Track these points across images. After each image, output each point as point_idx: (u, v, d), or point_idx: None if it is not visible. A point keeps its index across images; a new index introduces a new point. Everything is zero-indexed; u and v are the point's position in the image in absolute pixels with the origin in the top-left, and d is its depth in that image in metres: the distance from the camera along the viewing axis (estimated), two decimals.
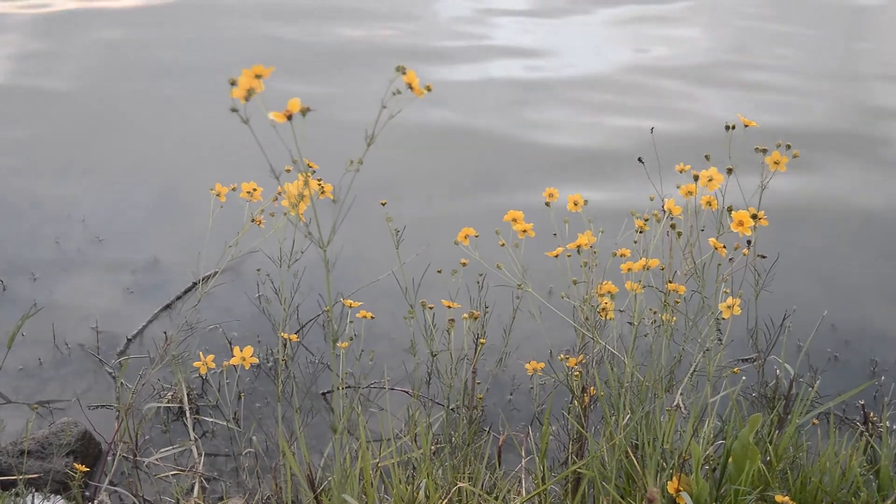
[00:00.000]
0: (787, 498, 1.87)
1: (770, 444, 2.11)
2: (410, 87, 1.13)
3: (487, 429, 2.89)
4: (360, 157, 1.24)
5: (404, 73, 1.12)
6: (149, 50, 7.59)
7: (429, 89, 1.15)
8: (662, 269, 2.15)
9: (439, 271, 2.30)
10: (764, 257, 2.11)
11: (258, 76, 1.09)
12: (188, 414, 2.99)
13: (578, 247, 2.23)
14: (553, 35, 8.37)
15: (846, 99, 6.67)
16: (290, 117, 1.14)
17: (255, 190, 2.21)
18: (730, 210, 1.87)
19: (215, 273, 3.34)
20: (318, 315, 3.44)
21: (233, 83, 1.09)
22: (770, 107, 6.39)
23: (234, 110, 1.10)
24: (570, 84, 6.81)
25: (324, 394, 3.21)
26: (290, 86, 6.09)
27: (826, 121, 6.15)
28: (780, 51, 7.88)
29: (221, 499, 2.69)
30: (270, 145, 1.34)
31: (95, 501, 2.61)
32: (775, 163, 1.91)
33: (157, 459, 2.71)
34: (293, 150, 1.20)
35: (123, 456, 2.75)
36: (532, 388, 3.13)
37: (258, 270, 3.66)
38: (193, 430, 2.98)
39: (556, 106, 6.33)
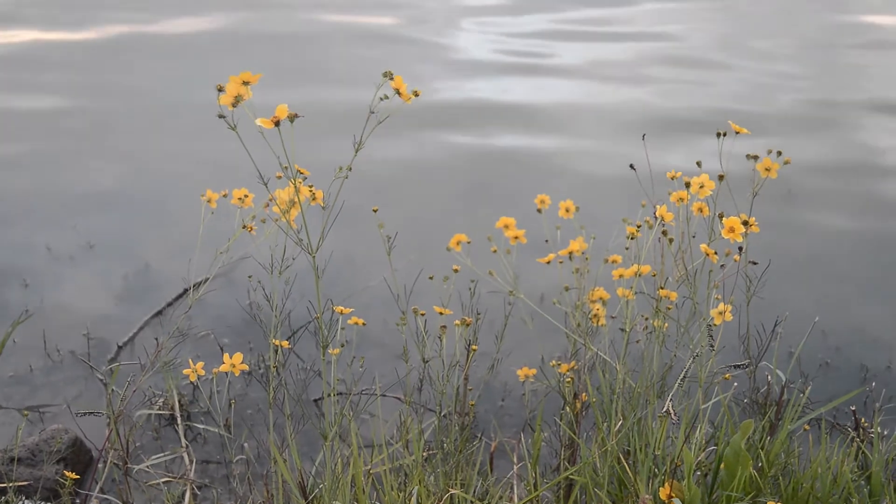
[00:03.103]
0: None
1: (762, 450, 2.11)
2: (398, 92, 1.13)
3: (479, 435, 2.88)
4: (349, 163, 1.24)
5: (391, 79, 1.12)
6: (136, 55, 7.58)
7: (416, 94, 1.15)
8: (654, 276, 2.15)
9: (431, 277, 2.30)
10: (755, 263, 2.11)
11: (245, 83, 1.09)
12: (179, 421, 2.98)
13: (570, 253, 2.23)
14: None
15: (839, 107, 6.69)
16: (277, 123, 1.14)
17: (246, 196, 2.20)
18: (721, 216, 1.87)
19: (206, 279, 3.33)
20: (310, 322, 3.44)
21: (220, 90, 1.09)
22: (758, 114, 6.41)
23: (221, 117, 1.10)
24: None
25: (315, 400, 3.20)
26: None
27: (817, 126, 6.17)
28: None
29: None
30: (264, 150, 1.34)
31: None
32: (766, 169, 1.91)
33: (147, 466, 2.70)
34: (282, 157, 1.19)
35: (114, 463, 2.73)
36: (524, 394, 3.13)
37: (249, 277, 3.65)
38: (185, 436, 2.97)
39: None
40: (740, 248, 1.97)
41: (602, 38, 8.79)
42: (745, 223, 1.85)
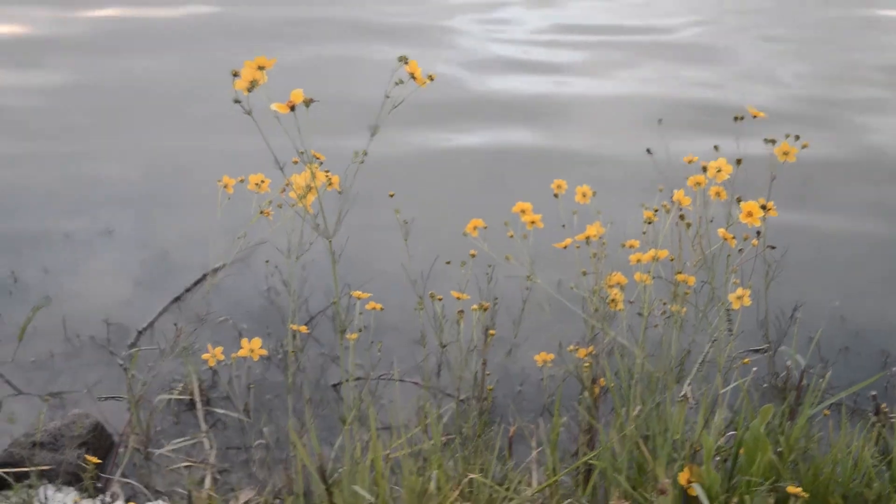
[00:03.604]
0: (798, 489, 1.86)
1: (781, 435, 2.10)
2: (413, 76, 1.13)
3: (498, 420, 2.89)
4: (364, 148, 1.24)
5: (406, 63, 1.11)
6: (154, 40, 7.59)
7: (431, 78, 1.14)
8: (672, 260, 2.14)
9: (448, 263, 2.30)
10: (774, 248, 2.10)
11: (261, 68, 1.09)
12: (199, 406, 3.00)
13: (587, 238, 2.22)
14: None
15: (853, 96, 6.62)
16: (293, 108, 1.13)
17: (263, 182, 2.21)
18: (739, 201, 1.86)
19: (224, 265, 3.34)
20: (328, 307, 3.44)
21: (235, 75, 1.09)
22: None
23: (237, 101, 1.10)
24: None
25: (334, 385, 3.21)
26: None
27: (829, 116, 6.11)
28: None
29: (233, 490, 2.70)
30: (277, 135, 1.34)
31: (107, 493, 2.62)
32: (784, 153, 1.89)
33: (168, 451, 2.72)
34: (298, 142, 1.19)
35: (135, 447, 2.76)
36: (542, 379, 3.12)
37: (266, 262, 3.65)
38: (204, 421, 2.99)
39: None
40: (758, 233, 1.95)
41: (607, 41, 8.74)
42: (764, 207, 1.84)
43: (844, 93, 6.59)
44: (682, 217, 2.00)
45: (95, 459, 2.48)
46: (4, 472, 2.59)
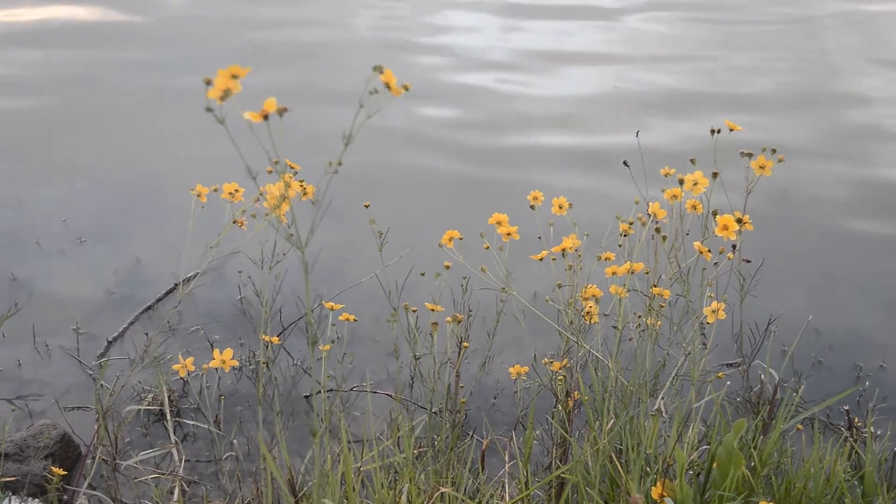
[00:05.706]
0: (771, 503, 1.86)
1: (754, 450, 2.10)
2: (388, 86, 1.11)
3: (471, 433, 2.87)
4: (339, 157, 1.22)
5: (381, 73, 1.10)
6: (126, 49, 7.54)
7: (406, 88, 1.13)
8: (647, 273, 2.14)
9: (423, 274, 2.28)
10: (749, 261, 2.10)
11: (234, 76, 1.07)
12: (169, 417, 2.96)
13: (563, 250, 2.22)
14: None
15: (830, 107, 6.68)
16: (266, 117, 1.12)
17: (236, 191, 2.19)
18: (714, 214, 1.86)
19: (196, 274, 3.31)
20: (300, 318, 3.42)
21: (208, 83, 1.07)
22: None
23: (209, 110, 1.08)
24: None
25: (306, 397, 3.18)
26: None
27: (809, 124, 6.16)
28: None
29: (202, 503, 2.66)
30: (255, 145, 1.32)
31: None
32: (760, 167, 1.90)
33: (136, 463, 2.68)
34: (271, 151, 1.18)
35: (103, 459, 2.71)
36: (516, 392, 3.11)
37: (240, 272, 3.63)
38: (174, 433, 2.95)
39: None
40: (734, 246, 1.95)
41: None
42: (739, 221, 1.84)
43: None
44: (657, 230, 2.00)
45: (61, 471, 2.44)
46: None
